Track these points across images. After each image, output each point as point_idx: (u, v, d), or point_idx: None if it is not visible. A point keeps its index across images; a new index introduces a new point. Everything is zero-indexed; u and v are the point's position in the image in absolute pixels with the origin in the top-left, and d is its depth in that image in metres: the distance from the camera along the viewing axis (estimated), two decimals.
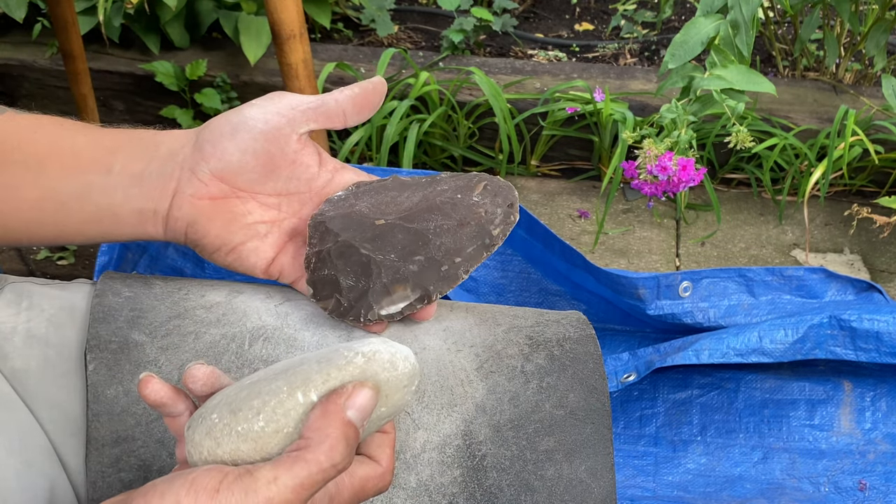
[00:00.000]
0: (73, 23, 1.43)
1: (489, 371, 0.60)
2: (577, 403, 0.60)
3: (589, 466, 0.59)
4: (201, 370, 0.49)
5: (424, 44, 1.90)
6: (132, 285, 0.63)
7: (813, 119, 1.56)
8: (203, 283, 0.65)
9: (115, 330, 0.59)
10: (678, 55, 1.20)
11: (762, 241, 1.46)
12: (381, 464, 0.50)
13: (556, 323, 0.64)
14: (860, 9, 1.63)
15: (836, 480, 1.00)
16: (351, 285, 0.59)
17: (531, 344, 0.62)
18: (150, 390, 0.49)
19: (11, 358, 0.58)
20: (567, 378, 0.61)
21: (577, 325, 0.64)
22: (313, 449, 0.45)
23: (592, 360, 0.62)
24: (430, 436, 0.58)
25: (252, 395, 0.47)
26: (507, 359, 0.61)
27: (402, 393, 0.49)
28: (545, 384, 0.60)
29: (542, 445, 0.59)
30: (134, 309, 0.61)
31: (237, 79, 1.69)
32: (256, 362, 0.59)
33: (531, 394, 0.60)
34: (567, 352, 0.62)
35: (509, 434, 0.58)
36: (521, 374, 0.60)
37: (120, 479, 0.57)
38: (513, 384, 0.60)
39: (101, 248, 1.11)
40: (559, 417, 0.59)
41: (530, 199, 1.55)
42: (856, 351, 0.95)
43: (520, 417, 0.59)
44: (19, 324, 0.59)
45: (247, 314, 0.62)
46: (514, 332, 0.62)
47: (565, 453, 0.59)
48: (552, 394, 0.60)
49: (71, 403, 0.58)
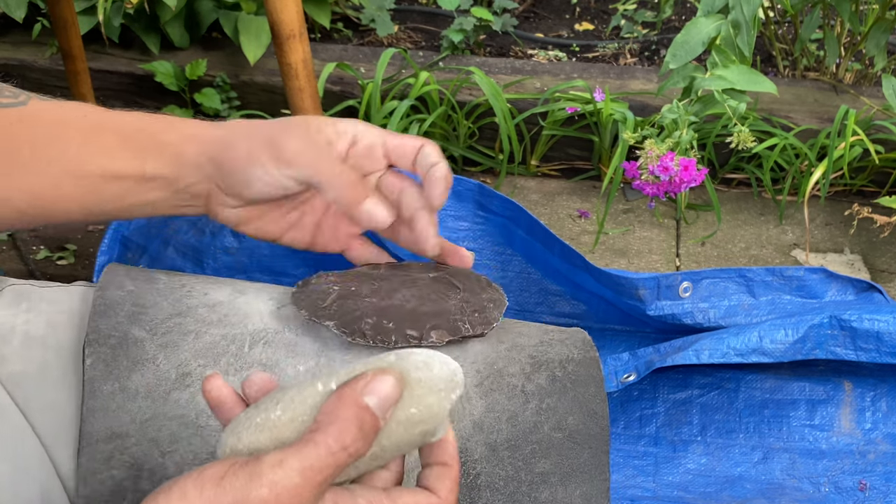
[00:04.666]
0: (72, 23, 1.42)
1: (489, 389, 0.59)
2: (576, 427, 0.59)
3: (584, 492, 0.58)
4: (259, 376, 0.48)
5: (424, 44, 1.89)
6: (136, 279, 0.62)
7: (813, 119, 1.56)
8: (207, 280, 0.64)
9: (115, 324, 0.59)
10: (679, 55, 1.20)
11: (762, 241, 1.45)
12: (439, 495, 0.47)
13: (560, 343, 0.63)
14: (860, 9, 1.63)
15: (837, 480, 1.00)
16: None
17: (533, 363, 0.61)
18: (213, 387, 0.48)
19: (9, 361, 0.58)
20: (567, 400, 0.60)
21: (581, 347, 0.63)
22: (322, 430, 0.43)
23: (594, 384, 0.61)
24: None
25: (278, 391, 0.46)
26: (507, 377, 0.60)
27: (439, 397, 0.46)
28: (545, 405, 0.59)
29: (538, 467, 0.58)
30: (136, 304, 0.60)
31: (237, 79, 1.69)
32: (255, 365, 0.59)
33: (530, 414, 0.59)
34: (569, 374, 0.61)
35: (505, 454, 0.58)
36: (521, 393, 0.59)
37: (111, 476, 0.56)
38: (512, 403, 0.59)
39: (100, 248, 1.11)
40: (557, 440, 0.58)
41: (530, 199, 1.55)
42: (856, 351, 0.95)
43: (517, 438, 0.58)
44: (18, 326, 0.59)
45: (249, 315, 0.61)
46: (516, 351, 0.62)
47: (561, 477, 0.58)
48: (551, 416, 0.59)
49: (67, 407, 0.58)
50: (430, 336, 0.57)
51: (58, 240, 1.49)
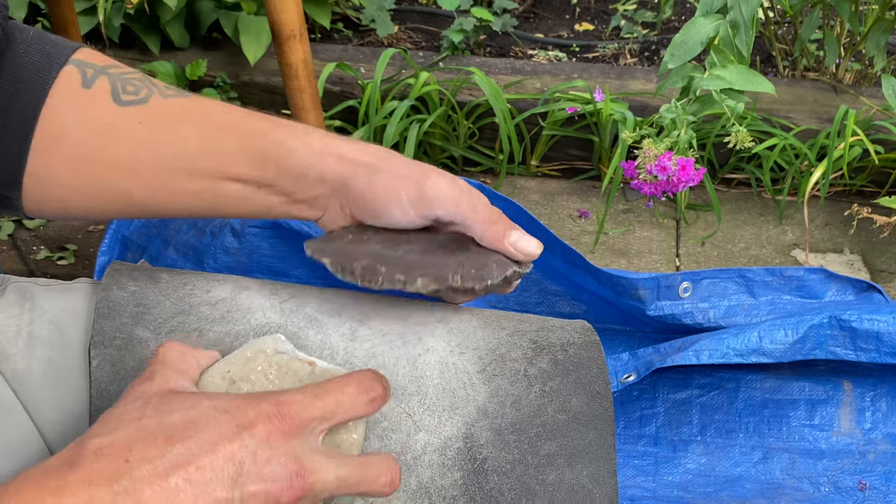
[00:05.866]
0: (73, 23, 1.43)
1: (492, 374, 0.60)
2: (580, 408, 0.60)
3: (591, 472, 0.58)
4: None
5: (424, 44, 1.90)
6: (138, 279, 0.63)
7: (813, 119, 1.56)
8: (209, 277, 0.64)
9: (119, 326, 0.59)
10: (678, 55, 1.20)
11: (762, 241, 1.46)
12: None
13: (561, 328, 0.64)
14: (860, 9, 1.63)
15: (836, 480, 1.00)
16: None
17: (535, 348, 0.62)
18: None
19: (14, 360, 0.58)
20: (570, 382, 0.60)
21: (582, 332, 0.64)
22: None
23: (596, 366, 0.61)
24: (430, 438, 0.57)
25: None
26: (510, 362, 0.60)
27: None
28: (548, 388, 0.60)
29: (544, 450, 0.58)
30: (139, 304, 0.60)
31: (237, 79, 1.69)
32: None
33: (534, 398, 0.59)
34: (571, 356, 0.61)
35: (511, 438, 0.58)
36: (524, 377, 0.60)
37: None
38: (515, 388, 0.60)
39: (101, 248, 1.12)
40: (562, 422, 0.59)
41: (530, 199, 1.55)
42: (856, 351, 0.95)
43: (522, 421, 0.59)
44: (22, 327, 0.59)
45: (251, 311, 0.61)
46: (517, 336, 0.62)
47: (567, 458, 0.58)
48: (555, 398, 0.60)
49: (72, 405, 0.58)
50: (416, 282, 0.58)
51: (58, 240, 1.49)
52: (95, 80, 0.62)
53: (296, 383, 0.53)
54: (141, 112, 0.62)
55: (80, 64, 0.63)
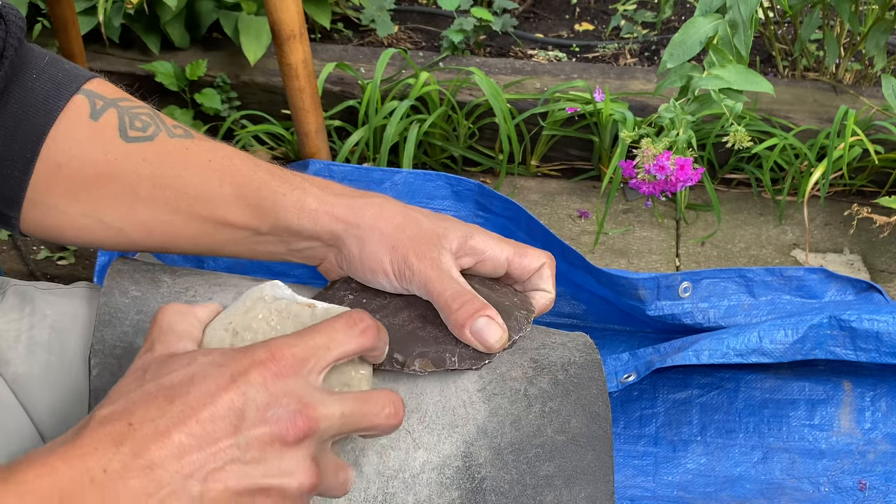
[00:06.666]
0: (73, 23, 1.43)
1: (492, 393, 0.60)
2: (580, 429, 0.59)
3: (588, 494, 0.58)
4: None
5: (424, 44, 1.90)
6: (139, 282, 0.62)
7: (813, 119, 1.56)
8: (211, 281, 0.64)
9: (120, 335, 0.59)
10: (676, 55, 1.20)
11: (762, 241, 1.46)
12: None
13: (562, 346, 0.64)
14: (860, 9, 1.63)
15: (836, 480, 1.00)
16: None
17: (535, 367, 0.61)
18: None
19: (14, 364, 0.58)
20: (570, 403, 0.60)
21: (583, 350, 0.64)
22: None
23: (596, 387, 0.61)
24: (429, 456, 0.57)
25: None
26: (510, 381, 0.60)
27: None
28: (548, 409, 0.60)
29: (543, 471, 0.58)
30: (140, 311, 0.60)
31: (237, 79, 1.69)
32: None
33: (533, 418, 0.59)
34: (571, 377, 0.61)
35: (510, 458, 0.58)
36: (523, 397, 0.60)
37: None
38: (515, 407, 0.59)
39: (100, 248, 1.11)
40: (560, 443, 0.59)
41: (530, 199, 1.55)
42: (856, 351, 0.95)
43: (521, 441, 0.58)
44: (22, 331, 0.59)
45: None
46: (518, 354, 0.62)
47: (565, 479, 0.58)
48: (554, 419, 0.59)
49: (72, 409, 0.58)
50: (414, 364, 0.57)
51: None
52: (104, 112, 0.63)
53: (298, 327, 0.53)
54: (146, 150, 0.62)
55: (91, 94, 0.63)
